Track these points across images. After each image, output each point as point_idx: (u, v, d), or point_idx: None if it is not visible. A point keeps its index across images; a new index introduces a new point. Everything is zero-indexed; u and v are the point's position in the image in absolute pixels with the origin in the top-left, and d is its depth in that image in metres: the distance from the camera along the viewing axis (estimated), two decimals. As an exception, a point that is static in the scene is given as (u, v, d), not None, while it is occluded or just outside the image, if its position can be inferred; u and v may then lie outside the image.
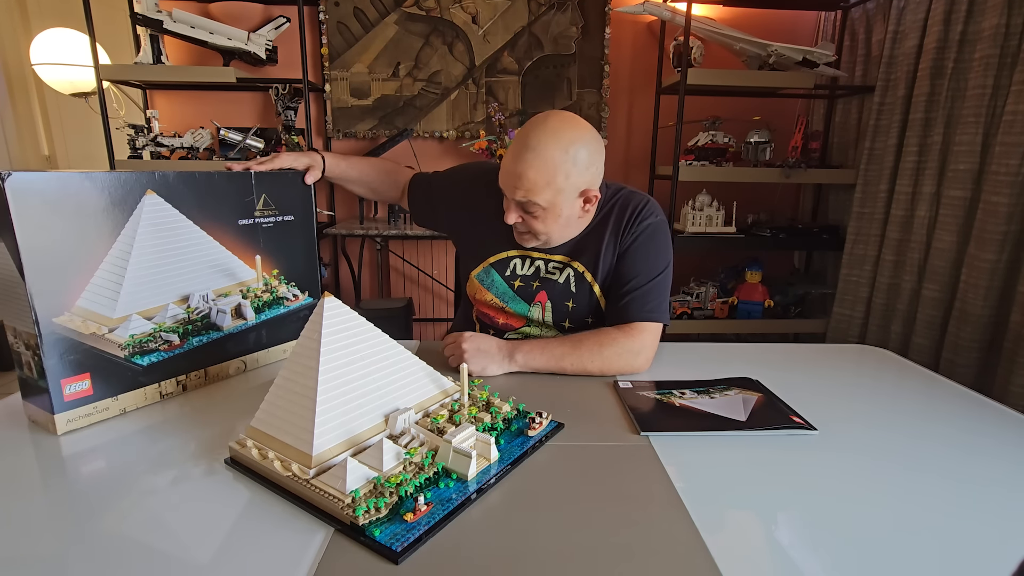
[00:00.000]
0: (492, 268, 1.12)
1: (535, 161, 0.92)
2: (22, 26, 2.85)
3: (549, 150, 0.92)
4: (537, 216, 0.98)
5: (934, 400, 0.93)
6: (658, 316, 1.02)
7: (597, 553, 0.53)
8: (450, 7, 2.47)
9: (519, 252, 1.11)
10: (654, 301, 1.02)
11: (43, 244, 0.70)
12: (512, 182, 0.95)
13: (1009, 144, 1.59)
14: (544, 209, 0.96)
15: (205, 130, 2.38)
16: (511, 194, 0.96)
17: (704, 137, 2.33)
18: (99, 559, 0.52)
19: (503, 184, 0.98)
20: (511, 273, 1.11)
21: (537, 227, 1.00)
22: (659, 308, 1.03)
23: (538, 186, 0.93)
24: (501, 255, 1.11)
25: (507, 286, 1.11)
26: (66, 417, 0.74)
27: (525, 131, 0.95)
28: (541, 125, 0.94)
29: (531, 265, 1.10)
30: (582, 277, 1.07)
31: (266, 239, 0.98)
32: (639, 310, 1.01)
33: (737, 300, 2.40)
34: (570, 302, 1.08)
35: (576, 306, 1.08)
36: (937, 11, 1.83)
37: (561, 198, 0.96)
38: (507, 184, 0.97)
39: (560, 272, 1.08)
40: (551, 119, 0.94)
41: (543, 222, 0.99)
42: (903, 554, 0.55)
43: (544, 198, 0.94)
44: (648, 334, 1.01)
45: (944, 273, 1.81)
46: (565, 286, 1.08)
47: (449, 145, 2.65)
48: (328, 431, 0.63)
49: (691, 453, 0.73)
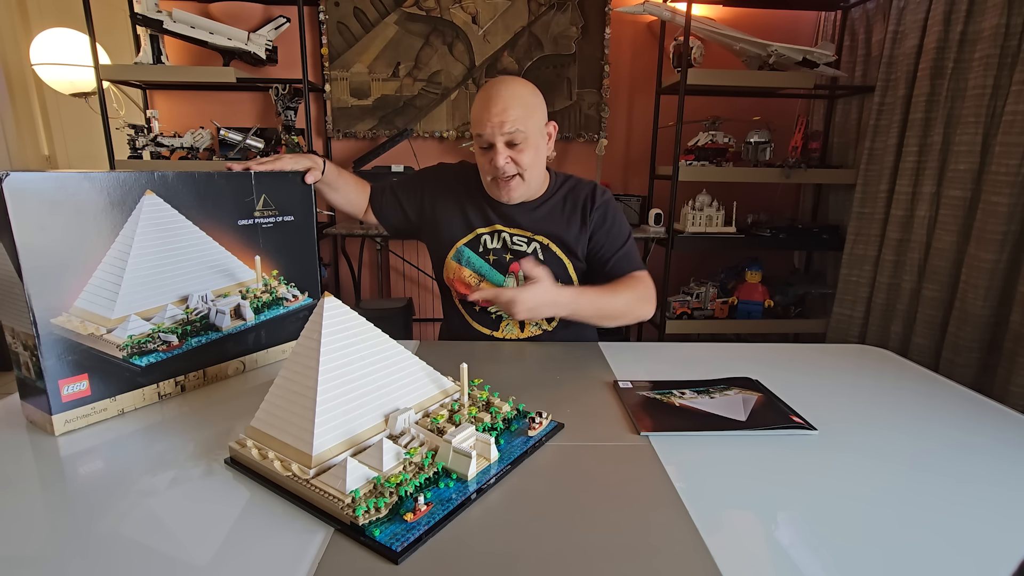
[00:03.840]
0: (465, 247, 1.21)
1: (511, 96, 1.06)
2: (22, 26, 2.84)
3: (517, 86, 1.09)
4: (522, 149, 1.08)
5: (934, 400, 0.93)
6: (643, 265, 1.19)
7: (597, 553, 0.53)
8: (450, 7, 2.47)
9: (488, 228, 1.20)
10: (636, 255, 1.19)
11: (41, 244, 0.69)
12: (499, 118, 1.05)
13: (1009, 144, 1.59)
14: (526, 138, 1.08)
15: (205, 130, 2.38)
16: (498, 130, 1.05)
17: (704, 137, 2.33)
18: (98, 560, 0.52)
19: (486, 129, 1.06)
20: (483, 249, 1.20)
21: (524, 160, 1.09)
22: (639, 259, 1.20)
23: (522, 115, 1.06)
24: (470, 235, 1.21)
25: (482, 260, 1.20)
26: (64, 418, 0.74)
27: (488, 85, 1.10)
28: (499, 79, 1.11)
29: (499, 239, 1.20)
30: (548, 248, 1.19)
31: (266, 239, 0.98)
32: (629, 263, 1.17)
33: (737, 300, 2.40)
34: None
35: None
36: (937, 11, 1.83)
37: (536, 125, 1.09)
38: (493, 123, 1.06)
39: (527, 244, 1.19)
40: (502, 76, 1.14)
41: (527, 153, 1.09)
42: (903, 554, 0.55)
43: (527, 125, 1.07)
44: (647, 281, 1.15)
45: (944, 273, 1.81)
46: (533, 255, 1.18)
47: (449, 145, 2.65)
48: (328, 431, 0.63)
49: (691, 453, 0.72)
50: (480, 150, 1.12)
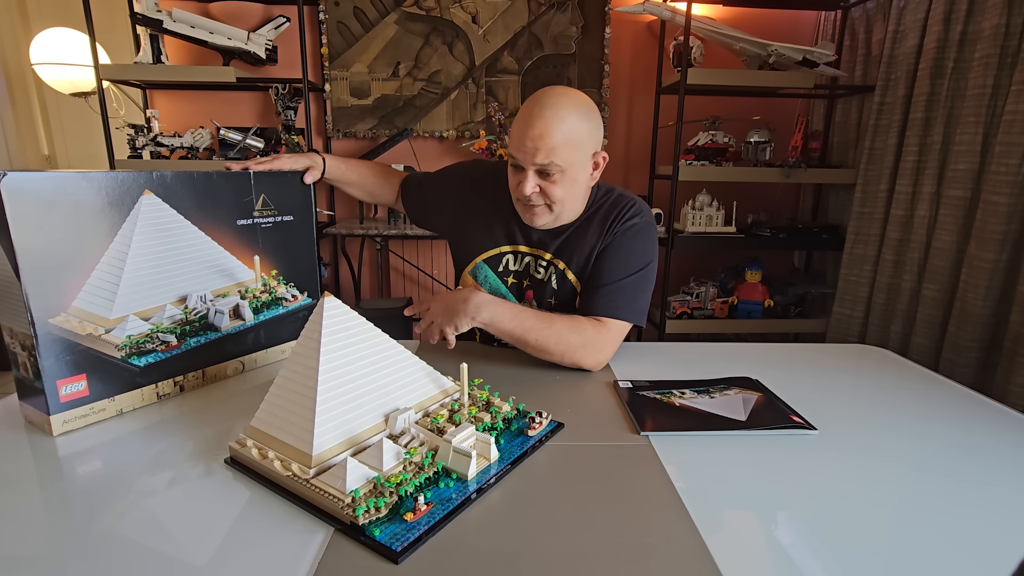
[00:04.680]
0: (485, 264, 1.13)
1: (554, 120, 0.93)
2: (22, 26, 2.84)
3: (565, 109, 0.93)
4: (556, 181, 0.97)
5: (934, 400, 0.93)
6: (626, 314, 1.01)
7: (597, 553, 0.53)
8: (450, 7, 2.47)
9: (511, 248, 1.11)
10: (624, 299, 1.01)
11: (39, 244, 0.69)
12: (533, 144, 0.93)
13: (1009, 144, 1.59)
14: (563, 171, 0.96)
15: (205, 130, 2.38)
16: (531, 158, 0.95)
17: (704, 137, 2.33)
18: (97, 560, 0.52)
19: (519, 152, 0.96)
20: (504, 269, 1.12)
21: (555, 193, 0.98)
22: (628, 306, 1.01)
23: (559, 145, 0.93)
24: (494, 251, 1.12)
25: (500, 282, 1.12)
26: (62, 418, 0.74)
27: (533, 99, 0.96)
28: (549, 91, 0.96)
29: (522, 261, 1.11)
30: (563, 275, 1.08)
31: (265, 239, 0.97)
32: (606, 305, 1.00)
33: (737, 300, 2.40)
34: (552, 299, 1.09)
35: (558, 303, 1.09)
36: (937, 11, 1.83)
37: (578, 157, 0.96)
38: (526, 149, 0.94)
39: (545, 271, 1.09)
40: (556, 87, 0.97)
41: (561, 187, 0.98)
42: (903, 553, 0.55)
43: (564, 157, 0.94)
44: (613, 332, 1.00)
45: (944, 273, 1.81)
46: (548, 283, 1.09)
47: (449, 145, 2.65)
48: (328, 431, 0.63)
49: (691, 453, 0.72)
50: (511, 167, 1.02)
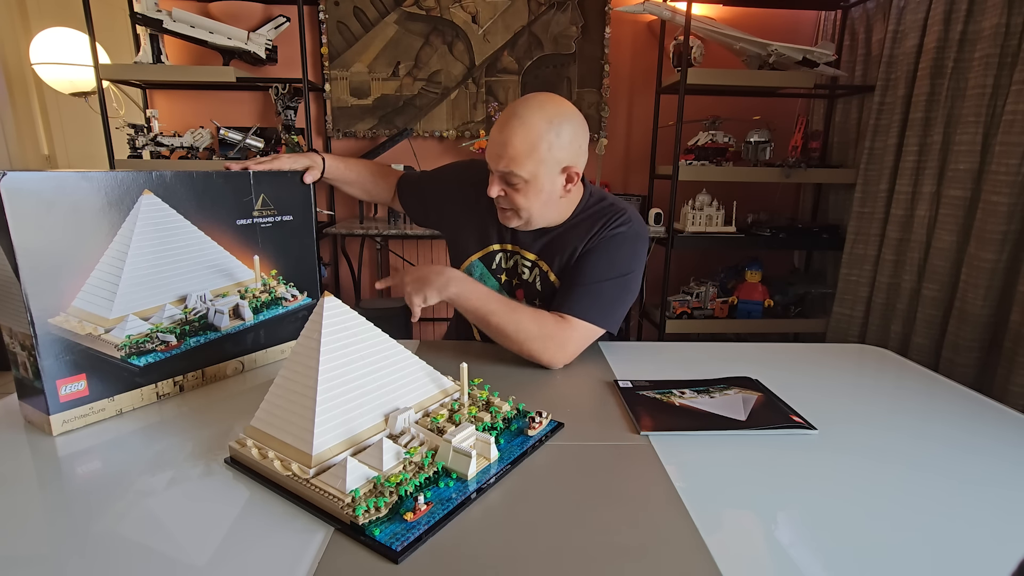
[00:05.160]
0: (480, 262, 1.14)
1: (519, 129, 0.93)
2: (22, 26, 2.84)
3: (534, 119, 0.93)
4: (519, 190, 0.98)
5: (934, 400, 0.93)
6: (593, 316, 0.99)
7: (597, 553, 0.53)
8: (450, 7, 2.47)
9: (500, 247, 1.13)
10: (594, 301, 1.00)
11: (39, 244, 0.69)
12: (496, 151, 0.96)
13: (1009, 144, 1.59)
14: (526, 182, 0.96)
15: (205, 130, 2.38)
16: (495, 164, 0.97)
17: (704, 137, 2.33)
18: (96, 560, 0.52)
19: (488, 155, 0.98)
20: (496, 267, 1.14)
21: (519, 202, 0.99)
22: (598, 309, 1.00)
23: (521, 155, 0.94)
24: (487, 249, 1.13)
25: (495, 279, 1.14)
26: (62, 418, 0.74)
27: (513, 105, 0.97)
28: (529, 99, 0.96)
29: (510, 259, 1.13)
30: (547, 277, 1.08)
31: (264, 239, 0.97)
32: (574, 304, 0.99)
33: (737, 300, 2.40)
34: (536, 300, 1.10)
35: (542, 304, 1.09)
36: (937, 11, 1.83)
37: (543, 170, 0.96)
38: (492, 153, 0.97)
39: (530, 272, 1.10)
40: (539, 95, 0.98)
41: (525, 196, 0.98)
42: (903, 553, 0.55)
43: (527, 169, 0.95)
44: (579, 332, 0.99)
45: (944, 273, 1.81)
46: (532, 285, 1.10)
47: (449, 145, 2.65)
48: (328, 431, 0.62)
49: (691, 453, 0.72)
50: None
